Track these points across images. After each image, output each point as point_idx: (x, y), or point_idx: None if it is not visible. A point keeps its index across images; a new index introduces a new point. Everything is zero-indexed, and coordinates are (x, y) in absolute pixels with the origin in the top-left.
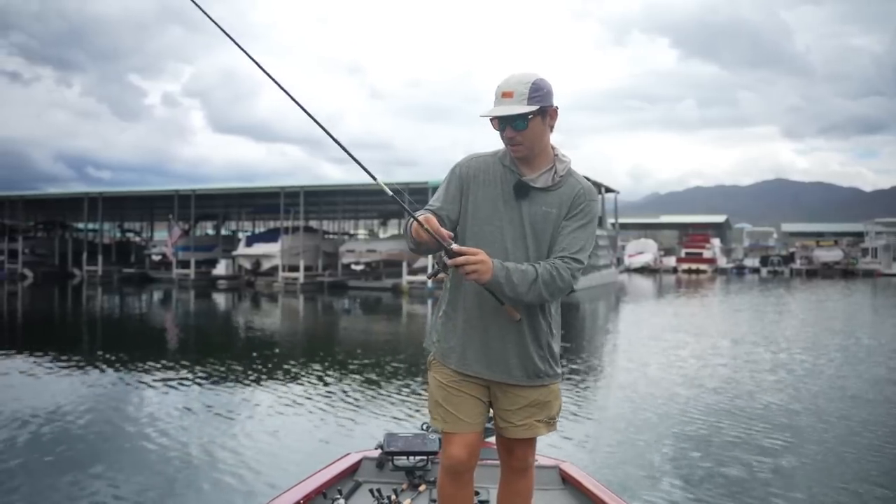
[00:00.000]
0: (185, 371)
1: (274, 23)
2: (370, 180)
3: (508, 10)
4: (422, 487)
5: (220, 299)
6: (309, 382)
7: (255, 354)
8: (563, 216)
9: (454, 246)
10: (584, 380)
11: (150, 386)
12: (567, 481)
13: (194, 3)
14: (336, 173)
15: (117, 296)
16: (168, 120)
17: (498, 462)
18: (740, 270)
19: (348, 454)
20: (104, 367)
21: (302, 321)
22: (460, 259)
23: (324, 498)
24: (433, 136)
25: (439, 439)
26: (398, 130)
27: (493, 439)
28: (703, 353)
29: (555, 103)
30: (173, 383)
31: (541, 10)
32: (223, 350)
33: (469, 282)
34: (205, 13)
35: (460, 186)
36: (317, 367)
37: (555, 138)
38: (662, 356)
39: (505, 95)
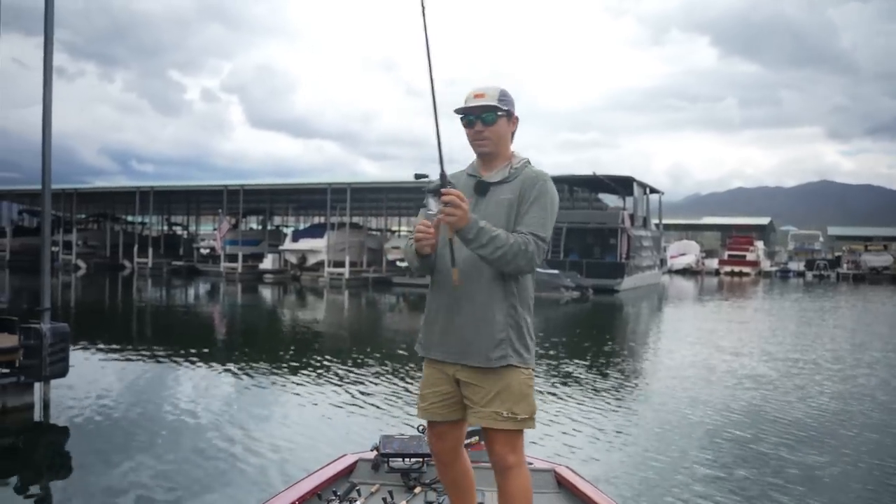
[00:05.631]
0: (230, 362)
1: (310, 20)
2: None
3: (544, 7)
4: (417, 489)
5: (267, 293)
6: (336, 378)
7: (295, 347)
8: (519, 200)
9: (450, 189)
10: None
11: (186, 371)
12: (562, 485)
13: None
14: (373, 169)
15: (168, 287)
16: (207, 115)
17: None
18: (785, 274)
19: (344, 455)
20: (161, 355)
21: (346, 316)
22: (454, 193)
23: (319, 499)
24: None
25: None
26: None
27: None
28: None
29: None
30: (216, 371)
31: (577, 7)
32: (271, 344)
33: (441, 275)
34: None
35: None
36: (347, 362)
37: (592, 137)
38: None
39: (477, 97)
